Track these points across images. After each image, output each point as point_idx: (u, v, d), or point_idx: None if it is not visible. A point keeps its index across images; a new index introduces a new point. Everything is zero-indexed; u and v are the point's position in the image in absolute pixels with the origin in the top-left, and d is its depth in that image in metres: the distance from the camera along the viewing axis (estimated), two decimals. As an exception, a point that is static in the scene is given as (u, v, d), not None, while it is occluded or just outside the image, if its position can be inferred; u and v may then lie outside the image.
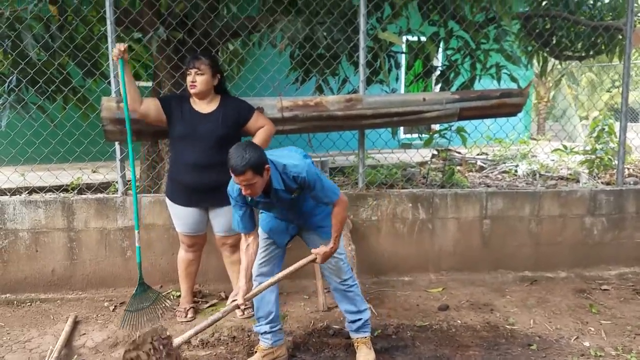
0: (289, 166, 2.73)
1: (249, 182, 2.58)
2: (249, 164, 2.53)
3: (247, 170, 2.54)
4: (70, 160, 4.55)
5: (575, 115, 13.50)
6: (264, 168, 2.61)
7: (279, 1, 4.52)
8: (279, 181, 2.73)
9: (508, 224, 4.55)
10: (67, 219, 4.05)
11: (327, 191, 2.79)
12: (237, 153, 2.57)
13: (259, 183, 2.63)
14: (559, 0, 5.56)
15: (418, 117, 4.24)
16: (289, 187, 2.76)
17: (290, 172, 2.73)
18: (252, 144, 2.68)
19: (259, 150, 2.61)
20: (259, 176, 2.60)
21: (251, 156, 2.54)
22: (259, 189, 2.65)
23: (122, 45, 3.31)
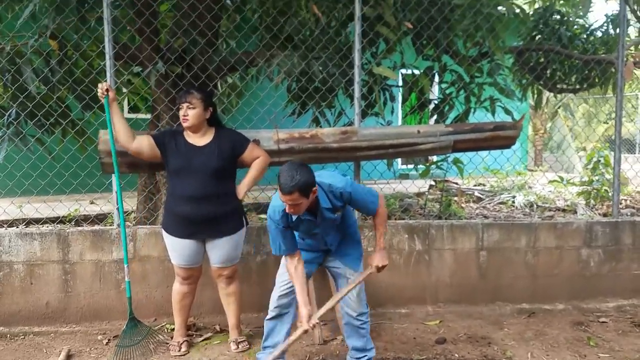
0: (335, 183, 2.88)
1: (295, 202, 2.68)
2: (297, 186, 2.63)
3: (294, 191, 2.64)
4: (68, 192, 4.57)
5: (571, 147, 13.58)
6: (311, 190, 2.71)
7: (276, 37, 4.62)
8: (325, 200, 2.86)
9: (504, 255, 4.53)
10: (62, 251, 4.04)
11: (368, 198, 2.98)
12: (287, 173, 2.67)
13: (304, 204, 2.73)
14: (552, 35, 5.67)
15: (413, 149, 4.27)
16: (335, 205, 2.90)
17: (337, 190, 2.87)
18: (303, 165, 2.76)
19: (308, 173, 2.70)
20: (305, 198, 2.70)
21: (301, 178, 2.64)
22: (303, 208, 2.76)
23: (105, 84, 3.39)
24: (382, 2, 4.43)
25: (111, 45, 4.01)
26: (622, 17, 4.79)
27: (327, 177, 2.93)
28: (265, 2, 4.83)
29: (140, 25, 4.48)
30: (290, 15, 4.77)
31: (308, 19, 4.98)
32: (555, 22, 5.76)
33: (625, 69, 4.80)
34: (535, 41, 5.81)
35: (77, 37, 4.42)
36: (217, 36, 4.88)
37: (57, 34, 4.37)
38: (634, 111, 13.62)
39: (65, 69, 4.38)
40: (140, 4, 4.42)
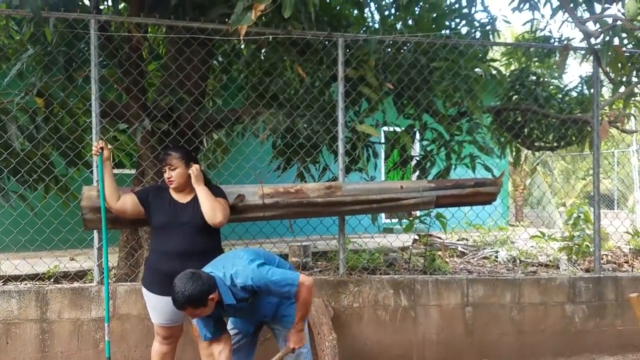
0: (235, 276, 2.74)
1: (194, 313, 2.64)
2: (188, 301, 2.58)
3: (186, 307, 2.60)
4: (48, 249, 4.49)
5: (551, 203, 13.81)
6: (207, 299, 2.62)
7: (262, 95, 4.73)
8: (229, 296, 2.73)
9: (490, 311, 4.52)
10: (40, 309, 3.93)
11: (282, 286, 2.76)
12: (177, 287, 2.60)
13: (205, 311, 2.66)
14: (528, 95, 5.87)
15: (396, 204, 4.32)
16: (242, 297, 2.77)
17: (238, 284, 2.73)
18: (194, 276, 2.66)
19: (199, 283, 2.60)
20: (202, 307, 2.63)
21: (191, 292, 2.57)
22: (206, 313, 2.69)
23: (100, 142, 3.42)
24: (364, 64, 4.60)
25: (98, 103, 4.06)
26: (596, 78, 5.00)
27: (229, 267, 2.79)
28: (252, 63, 4.98)
29: (127, 84, 4.57)
30: (276, 76, 4.91)
31: (293, 79, 5.13)
32: (531, 83, 5.98)
33: (601, 128, 4.96)
34: (513, 101, 6.01)
35: (64, 95, 4.48)
36: (203, 94, 4.98)
37: (43, 92, 4.43)
38: (611, 168, 13.98)
39: (50, 126, 4.41)
40: (128, 64, 4.52)
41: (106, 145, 3.45)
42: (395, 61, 4.81)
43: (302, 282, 2.79)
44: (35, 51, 4.61)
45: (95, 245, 4.07)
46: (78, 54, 4.50)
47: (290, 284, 2.77)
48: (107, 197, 3.41)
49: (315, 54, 4.70)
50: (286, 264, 3.15)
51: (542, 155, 14.00)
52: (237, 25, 3.75)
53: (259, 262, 2.82)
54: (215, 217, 3.29)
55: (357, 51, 4.59)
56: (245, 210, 3.95)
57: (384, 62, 4.81)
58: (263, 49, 5.01)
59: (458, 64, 4.92)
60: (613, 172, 13.68)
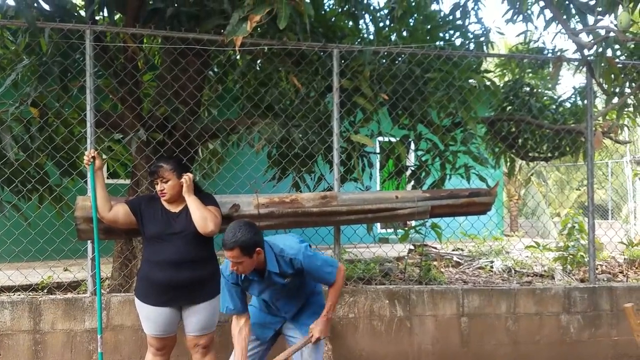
0: (286, 249, 2.82)
1: (237, 260, 2.66)
2: (238, 243, 2.63)
3: (234, 248, 2.63)
4: (42, 259, 4.47)
5: (546, 213, 13.84)
6: (254, 250, 2.68)
7: (257, 106, 4.75)
8: (274, 263, 2.79)
9: (486, 322, 4.51)
10: (33, 320, 3.90)
11: (325, 268, 2.88)
12: (231, 229, 2.68)
13: (247, 262, 2.69)
14: (522, 106, 5.91)
15: (391, 214, 4.33)
16: (284, 271, 2.82)
17: (287, 255, 2.81)
18: (248, 224, 2.75)
19: (252, 232, 2.69)
20: (247, 256, 2.67)
21: (242, 235, 2.64)
22: (247, 268, 2.72)
23: (92, 152, 3.41)
24: (359, 74, 4.62)
25: (93, 114, 4.05)
26: (589, 89, 5.04)
27: (281, 241, 2.89)
28: (247, 74, 5.00)
29: (123, 94, 4.57)
30: (271, 86, 4.93)
31: (288, 89, 5.15)
32: (525, 94, 6.02)
33: (594, 139, 4.99)
34: (507, 112, 6.04)
35: (59, 105, 4.47)
36: (199, 105, 4.99)
37: (38, 102, 4.42)
38: (605, 179, 14.05)
39: (45, 135, 4.41)
40: (123, 74, 4.52)
41: (98, 155, 3.45)
42: (390, 72, 4.84)
43: (340, 268, 2.95)
44: (30, 61, 4.61)
45: (89, 256, 4.05)
46: (73, 64, 4.50)
47: (332, 266, 2.91)
48: (99, 207, 3.40)
49: (311, 65, 4.73)
50: None
51: (536, 165, 14.05)
52: (232, 36, 3.77)
53: (307, 245, 2.94)
54: (206, 226, 3.28)
55: (352, 62, 4.61)
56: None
57: (378, 73, 4.84)
58: (258, 60, 5.04)
59: (452, 75, 4.95)
60: (607, 182, 13.75)
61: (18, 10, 4.09)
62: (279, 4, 3.69)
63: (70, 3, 4.72)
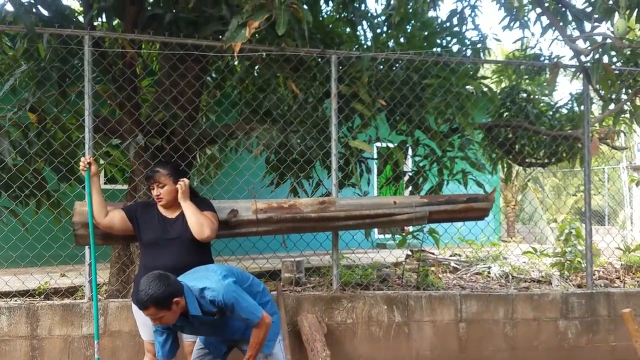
0: (206, 290, 2.71)
1: (156, 316, 2.58)
2: (151, 300, 2.53)
3: (149, 306, 2.55)
4: (39, 265, 4.45)
5: (543, 219, 13.87)
6: (171, 302, 2.58)
7: (255, 111, 4.75)
8: (195, 307, 2.69)
9: (484, 327, 4.51)
10: (30, 326, 3.88)
11: (247, 313, 2.76)
12: (142, 286, 2.57)
13: (168, 315, 2.61)
14: (519, 112, 5.92)
15: (389, 220, 4.33)
16: (208, 311, 2.72)
17: (207, 296, 2.70)
18: (162, 276, 2.65)
19: (164, 284, 2.58)
20: (166, 310, 2.58)
21: (154, 290, 2.53)
22: (169, 320, 2.63)
23: (88, 157, 3.42)
24: (356, 80, 4.64)
25: (91, 119, 4.06)
26: (586, 95, 5.07)
27: (202, 280, 2.77)
28: (245, 79, 5.01)
29: (121, 100, 4.58)
30: (269, 92, 4.94)
31: (286, 95, 5.16)
32: (522, 100, 6.04)
33: (591, 145, 5.01)
34: (504, 118, 6.06)
35: (57, 111, 4.47)
36: (197, 110, 4.99)
37: (36, 107, 4.42)
38: (602, 184, 14.09)
39: (43, 141, 4.40)
40: (122, 80, 4.53)
41: (94, 160, 3.44)
42: (387, 78, 4.86)
43: (263, 318, 2.81)
44: (28, 67, 4.62)
45: (86, 261, 4.04)
46: (72, 69, 4.51)
47: (254, 314, 2.78)
48: (95, 213, 3.40)
49: (309, 71, 4.74)
50: (260, 284, 3.10)
51: (533, 171, 14.09)
52: (231, 42, 3.79)
53: (232, 280, 2.81)
54: (202, 232, 3.27)
55: (350, 68, 4.63)
56: (238, 226, 3.95)
57: (376, 79, 4.85)
58: (257, 66, 5.05)
59: (449, 81, 4.97)
60: (604, 188, 13.78)
61: (17, 16, 4.10)
62: (277, 11, 3.70)
63: (69, 9, 4.74)
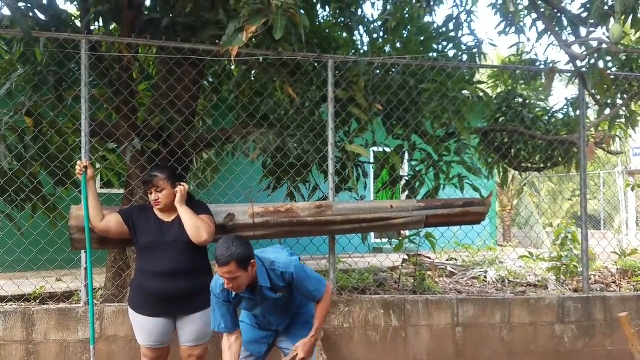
0: (277, 262, 2.79)
1: (233, 275, 2.61)
2: (234, 256, 2.59)
3: (231, 262, 2.58)
4: (35, 269, 4.44)
5: (539, 223, 13.90)
6: (249, 263, 2.65)
7: (252, 115, 4.76)
8: (265, 278, 2.76)
9: (480, 332, 4.51)
10: (26, 330, 3.86)
11: (315, 284, 2.87)
12: (223, 245, 2.63)
13: (243, 277, 2.65)
14: (515, 117, 5.95)
15: (386, 224, 4.33)
16: (276, 285, 2.79)
17: (278, 268, 2.78)
18: (240, 238, 2.73)
19: (245, 245, 2.66)
20: (243, 270, 2.63)
21: (237, 249, 2.61)
22: (242, 283, 2.67)
23: (84, 161, 3.42)
24: (353, 85, 4.65)
25: (88, 123, 4.05)
26: (582, 100, 5.09)
27: (271, 254, 2.87)
28: (242, 83, 5.02)
29: (118, 104, 4.58)
30: (266, 96, 4.95)
31: (283, 99, 5.18)
32: (518, 105, 6.07)
33: (587, 149, 5.02)
34: (500, 122, 6.09)
35: (53, 115, 4.46)
36: (194, 114, 4.99)
37: (33, 111, 4.42)
38: (597, 189, 14.15)
39: (39, 145, 4.39)
40: (118, 84, 4.53)
41: (90, 164, 3.44)
42: (384, 83, 4.88)
43: (328, 286, 2.95)
44: (25, 71, 4.61)
45: (82, 266, 4.02)
46: (68, 73, 4.51)
47: (320, 284, 2.91)
48: (91, 217, 3.39)
49: (306, 75, 4.76)
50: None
51: (529, 176, 14.13)
52: (228, 47, 3.79)
53: (297, 258, 2.93)
54: (199, 235, 3.27)
55: (347, 73, 4.64)
56: (235, 230, 3.94)
57: (373, 84, 4.87)
58: (254, 70, 5.06)
59: (446, 86, 4.99)
60: (599, 193, 13.84)
61: (13, 20, 4.09)
62: (274, 15, 3.71)
63: (66, 13, 4.74)
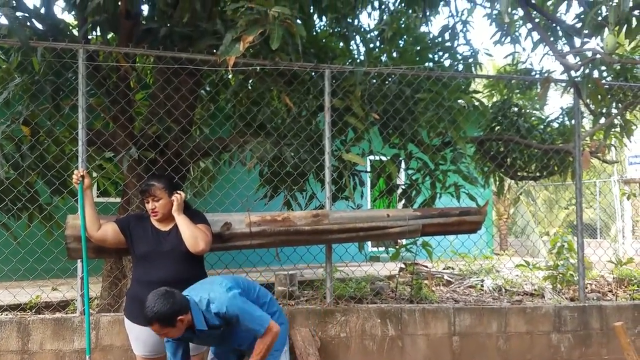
0: (212, 303, 2.74)
1: (160, 332, 2.63)
2: (156, 317, 2.59)
3: (153, 323, 2.60)
4: (31, 278, 4.42)
5: (535, 232, 13.92)
6: (176, 320, 2.62)
7: (249, 124, 4.77)
8: (201, 322, 2.72)
9: (477, 341, 4.51)
10: (21, 340, 3.85)
11: (252, 323, 2.79)
12: (148, 302, 2.63)
13: (172, 332, 2.65)
14: (511, 126, 5.98)
15: (383, 232, 4.34)
16: (213, 325, 2.75)
17: (212, 309, 2.74)
18: (168, 293, 2.69)
19: (170, 301, 2.62)
20: (170, 327, 2.62)
21: (159, 308, 2.58)
22: (174, 335, 2.67)
23: (81, 170, 3.41)
24: (350, 94, 4.68)
25: (84, 132, 4.05)
26: (577, 109, 5.12)
27: (207, 291, 2.80)
28: (239, 93, 5.04)
29: (115, 113, 4.58)
30: (263, 105, 4.96)
31: (280, 108, 5.19)
32: (513, 114, 6.10)
33: (582, 158, 5.05)
34: (495, 132, 6.11)
35: (50, 124, 4.46)
36: (191, 123, 5.00)
37: (30, 121, 4.42)
38: (593, 198, 14.18)
39: (36, 154, 4.38)
40: (116, 93, 4.54)
41: (87, 174, 3.43)
42: (380, 92, 4.90)
43: (270, 328, 2.83)
44: (22, 80, 4.62)
45: (78, 275, 4.01)
46: (65, 82, 4.51)
47: (260, 325, 2.81)
48: (88, 226, 3.38)
49: (303, 85, 4.78)
50: (267, 294, 3.12)
51: (525, 184, 14.16)
52: (225, 56, 3.81)
53: (237, 292, 2.84)
54: (197, 245, 3.26)
55: (344, 82, 4.67)
56: (232, 239, 3.94)
57: (369, 93, 4.89)
58: (251, 79, 5.07)
59: (442, 95, 5.02)
60: (595, 201, 13.88)
61: (11, 29, 4.10)
62: (271, 25, 3.74)
63: (64, 22, 4.75)
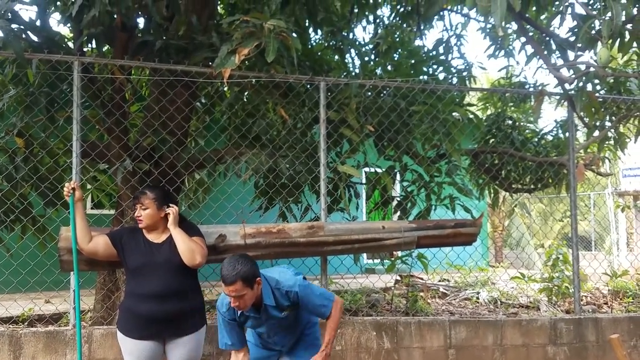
0: (281, 282, 2.82)
1: (239, 294, 2.64)
2: (240, 275, 2.62)
3: (237, 281, 2.62)
4: (24, 291, 4.38)
5: (530, 244, 13.92)
6: (255, 281, 2.68)
7: (245, 136, 4.78)
8: (270, 297, 2.78)
9: (473, 354, 4.49)
10: (13, 353, 3.80)
11: (321, 300, 2.88)
12: (229, 264, 2.68)
13: (249, 295, 2.68)
14: (505, 138, 6.01)
15: (378, 244, 4.33)
16: (281, 304, 2.81)
17: (283, 287, 2.80)
18: (245, 256, 2.77)
19: (250, 263, 2.71)
20: (249, 288, 2.66)
21: (242, 267, 2.65)
22: (248, 301, 2.70)
23: (72, 183, 3.40)
24: (345, 107, 4.69)
25: (79, 144, 4.04)
26: (570, 122, 5.15)
27: (276, 273, 2.89)
28: (235, 105, 5.04)
29: (110, 125, 4.57)
30: (259, 117, 4.97)
31: (275, 120, 5.20)
32: (507, 127, 6.13)
33: (577, 171, 5.07)
34: (490, 144, 6.14)
35: (44, 136, 4.45)
36: (186, 135, 5.00)
37: (24, 132, 4.40)
38: (588, 210, 14.22)
39: (30, 166, 4.37)
40: (110, 105, 4.54)
41: (78, 186, 3.42)
42: (375, 104, 4.92)
43: (337, 301, 2.94)
44: (17, 92, 4.61)
45: (71, 287, 3.98)
46: (60, 94, 4.50)
47: (328, 300, 2.91)
48: (79, 238, 3.36)
49: (298, 97, 4.79)
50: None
51: (520, 197, 14.19)
52: (220, 69, 3.82)
53: (302, 277, 2.95)
54: (194, 258, 3.25)
55: (339, 94, 4.68)
56: (226, 251, 3.91)
57: (364, 106, 4.91)
58: (246, 92, 5.09)
59: (436, 108, 5.05)
60: (590, 214, 13.91)
61: (6, 41, 4.11)
62: (267, 38, 3.76)
63: (59, 35, 4.76)
